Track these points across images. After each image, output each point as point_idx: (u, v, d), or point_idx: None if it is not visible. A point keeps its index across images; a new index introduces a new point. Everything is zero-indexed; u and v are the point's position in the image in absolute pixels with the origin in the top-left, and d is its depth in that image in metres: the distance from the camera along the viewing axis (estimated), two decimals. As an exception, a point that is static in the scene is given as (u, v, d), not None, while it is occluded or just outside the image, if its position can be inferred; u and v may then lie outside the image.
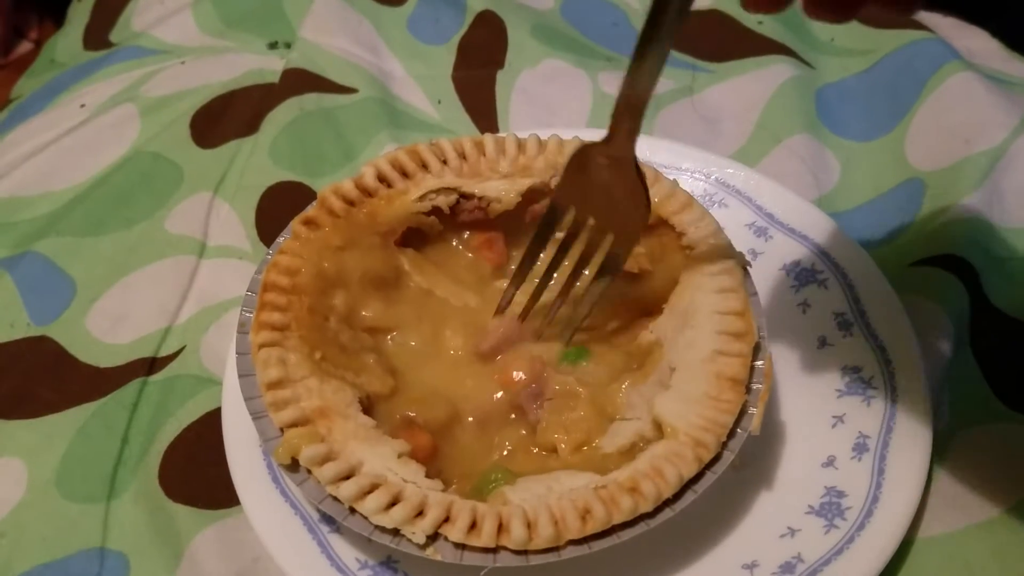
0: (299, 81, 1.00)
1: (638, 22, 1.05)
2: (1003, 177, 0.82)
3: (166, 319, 0.82)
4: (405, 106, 1.00)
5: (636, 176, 0.59)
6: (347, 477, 0.57)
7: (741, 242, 0.77)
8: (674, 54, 1.02)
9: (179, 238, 0.87)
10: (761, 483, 0.66)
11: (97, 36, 1.13)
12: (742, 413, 0.59)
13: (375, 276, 0.69)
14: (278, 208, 0.89)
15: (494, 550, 0.55)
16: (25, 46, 1.54)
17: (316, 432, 0.58)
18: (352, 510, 0.56)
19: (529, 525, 0.54)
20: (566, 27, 1.06)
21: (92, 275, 0.85)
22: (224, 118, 0.98)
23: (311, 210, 0.68)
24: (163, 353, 0.80)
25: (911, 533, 0.63)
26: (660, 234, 0.69)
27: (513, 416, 0.66)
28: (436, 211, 0.71)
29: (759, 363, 0.62)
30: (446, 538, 0.55)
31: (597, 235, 0.63)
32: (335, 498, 0.57)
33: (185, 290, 0.84)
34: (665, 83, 0.98)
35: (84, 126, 0.98)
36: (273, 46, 1.06)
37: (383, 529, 0.56)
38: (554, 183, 0.71)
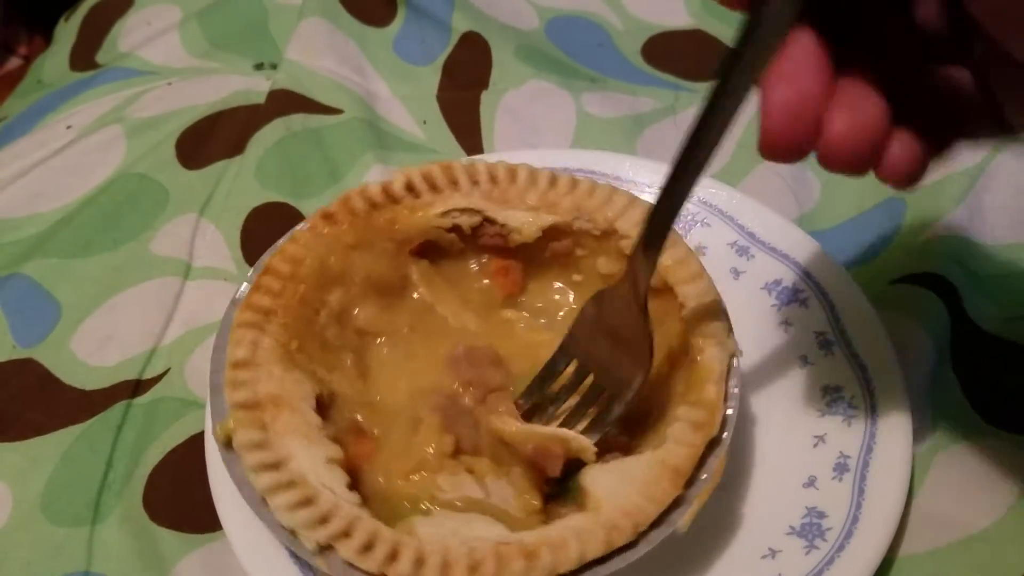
0: (285, 102, 1.00)
1: (622, 42, 1.06)
2: (983, 195, 0.83)
3: (151, 341, 0.82)
4: (390, 127, 1.00)
5: (642, 324, 0.57)
6: (274, 468, 0.57)
7: (724, 261, 0.78)
8: (657, 74, 1.03)
9: (164, 259, 0.87)
10: (742, 504, 0.66)
11: (84, 57, 1.13)
12: (677, 504, 0.56)
13: (379, 280, 0.69)
14: (263, 229, 0.89)
15: None
16: (14, 62, 1.54)
17: (258, 418, 0.58)
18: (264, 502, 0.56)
19: (417, 561, 0.53)
20: (551, 48, 1.07)
21: (77, 297, 0.85)
22: (210, 139, 0.98)
23: (333, 205, 0.68)
24: (148, 375, 0.80)
25: (892, 552, 0.63)
26: (664, 300, 0.65)
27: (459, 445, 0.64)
28: (456, 229, 0.71)
29: (715, 457, 0.58)
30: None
31: (592, 392, 0.63)
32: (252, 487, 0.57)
33: (170, 312, 0.84)
34: (648, 103, 0.99)
35: (70, 147, 0.98)
36: (259, 67, 1.06)
37: (283, 527, 0.55)
38: (577, 226, 0.70)
